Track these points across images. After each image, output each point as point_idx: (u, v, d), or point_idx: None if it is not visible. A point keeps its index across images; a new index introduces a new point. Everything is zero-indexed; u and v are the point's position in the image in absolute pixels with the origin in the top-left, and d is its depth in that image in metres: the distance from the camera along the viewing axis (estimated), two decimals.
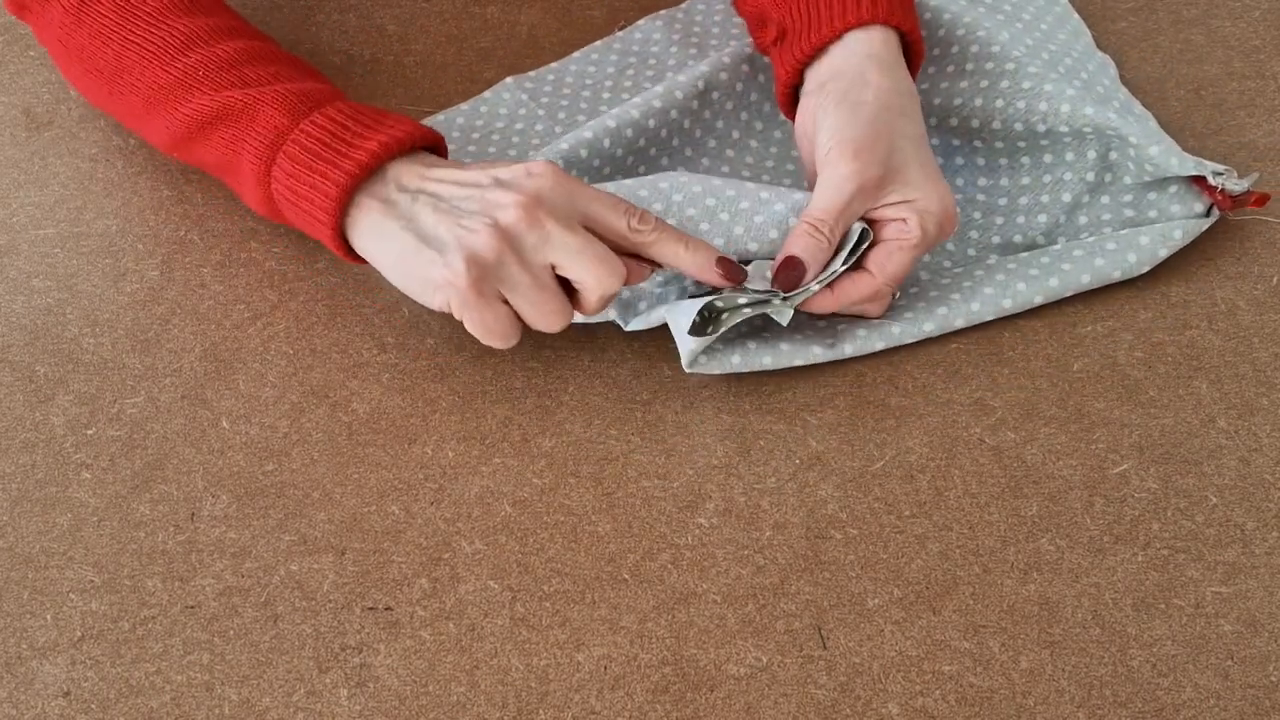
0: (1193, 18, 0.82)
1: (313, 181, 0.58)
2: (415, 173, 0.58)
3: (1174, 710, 0.53)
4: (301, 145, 0.58)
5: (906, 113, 0.61)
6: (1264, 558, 0.57)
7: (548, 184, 0.57)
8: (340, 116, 0.59)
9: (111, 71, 0.64)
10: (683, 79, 0.72)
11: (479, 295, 0.56)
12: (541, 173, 0.57)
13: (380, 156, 0.58)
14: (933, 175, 0.60)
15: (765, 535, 0.58)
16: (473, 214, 0.56)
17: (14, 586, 0.57)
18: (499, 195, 0.56)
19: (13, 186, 0.73)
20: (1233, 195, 0.65)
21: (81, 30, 0.64)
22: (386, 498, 0.60)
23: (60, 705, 0.53)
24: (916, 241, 0.59)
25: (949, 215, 0.60)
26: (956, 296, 0.64)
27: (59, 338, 0.66)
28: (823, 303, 0.60)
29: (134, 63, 0.63)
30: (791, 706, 0.53)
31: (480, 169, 0.59)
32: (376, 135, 0.58)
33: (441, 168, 0.59)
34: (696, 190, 0.61)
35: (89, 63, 0.65)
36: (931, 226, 0.59)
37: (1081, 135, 0.68)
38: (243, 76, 0.61)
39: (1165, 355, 0.65)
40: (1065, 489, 0.60)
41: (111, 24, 0.63)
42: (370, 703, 0.53)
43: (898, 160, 0.59)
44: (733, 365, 0.62)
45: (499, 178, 0.57)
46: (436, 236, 0.57)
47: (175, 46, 0.62)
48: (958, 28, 0.72)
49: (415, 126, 0.60)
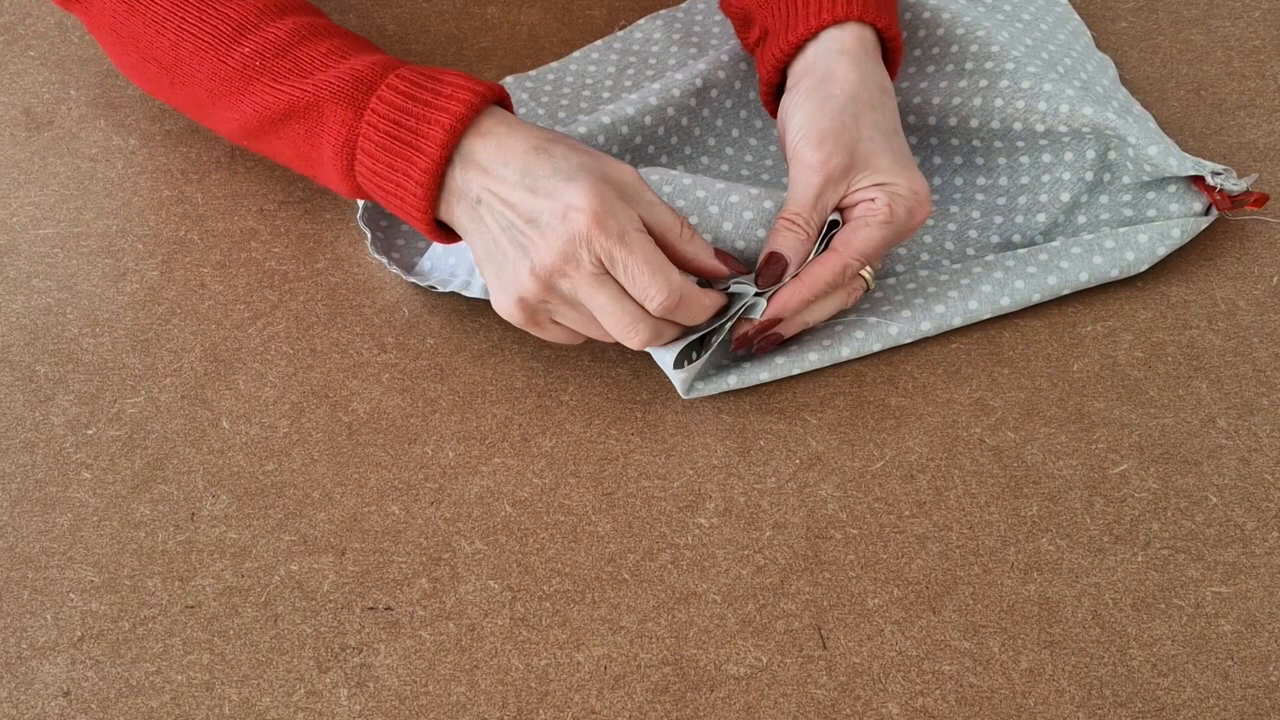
0: (1193, 18, 0.82)
1: (398, 180, 0.58)
2: (475, 175, 0.57)
3: (1174, 710, 0.53)
4: (374, 140, 0.58)
5: (876, 105, 0.61)
6: (1264, 558, 0.57)
7: (578, 233, 0.55)
8: (397, 99, 0.58)
9: (170, 61, 0.64)
10: (680, 77, 0.72)
11: (534, 324, 0.59)
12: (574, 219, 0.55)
13: (449, 146, 0.57)
14: (904, 163, 0.60)
15: (765, 535, 0.58)
16: (517, 245, 0.57)
17: (14, 586, 0.57)
18: (535, 236, 0.56)
19: (13, 186, 0.73)
20: (1231, 195, 0.65)
21: (135, 18, 0.64)
22: (386, 498, 0.60)
23: (60, 705, 0.53)
24: (884, 218, 0.59)
25: (920, 200, 0.60)
26: (954, 294, 0.64)
27: (59, 338, 0.66)
28: (795, 291, 0.59)
29: (190, 53, 0.63)
30: (791, 706, 0.53)
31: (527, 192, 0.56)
32: (439, 118, 0.57)
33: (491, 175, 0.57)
34: (686, 183, 0.62)
35: (145, 51, 0.65)
36: (900, 208, 0.59)
37: (1080, 135, 0.68)
38: (298, 62, 0.61)
39: (1165, 355, 0.65)
40: (1065, 489, 0.60)
41: (165, 10, 0.63)
42: (370, 703, 0.53)
43: (866, 149, 0.60)
44: (729, 385, 0.62)
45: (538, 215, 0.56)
46: (495, 253, 0.58)
47: (229, 35, 0.62)
48: (957, 27, 0.72)
49: (472, 93, 0.58)
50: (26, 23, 0.83)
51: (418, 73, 0.59)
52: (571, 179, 0.55)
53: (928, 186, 0.60)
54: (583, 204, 0.55)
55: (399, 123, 0.58)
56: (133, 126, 0.76)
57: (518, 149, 0.57)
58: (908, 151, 0.62)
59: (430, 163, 0.57)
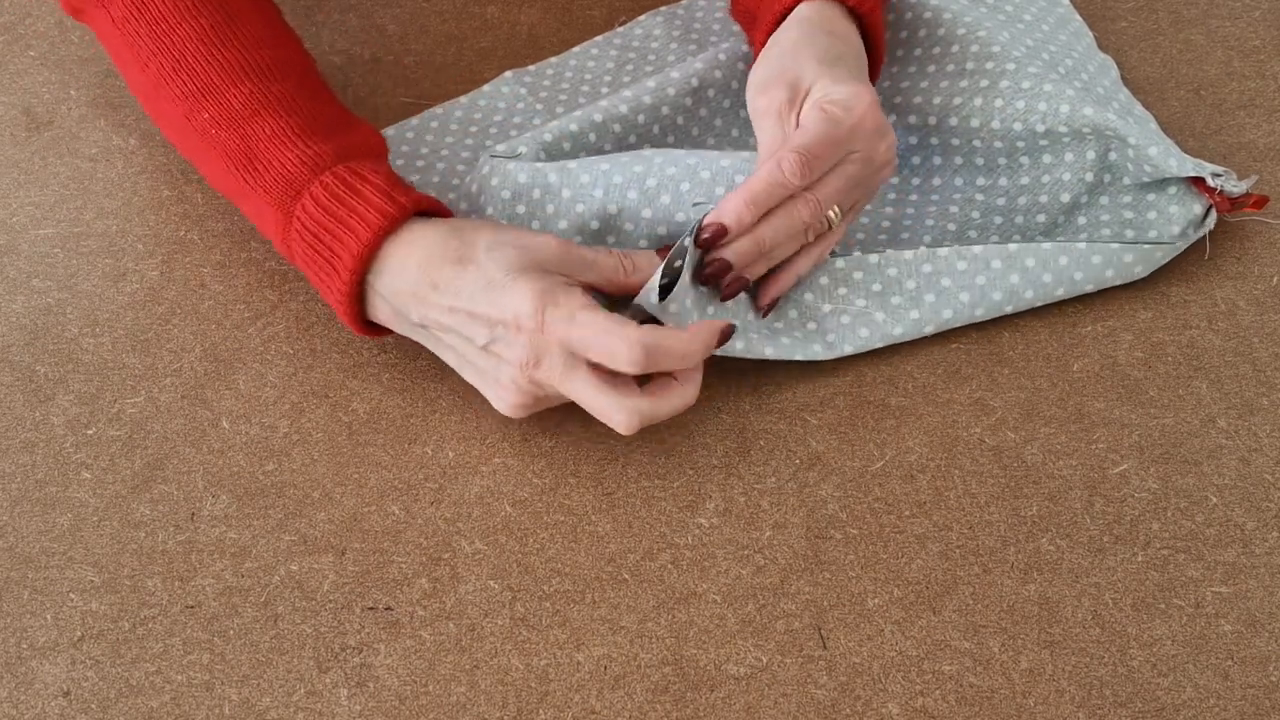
0: (1193, 18, 0.82)
1: (322, 287, 0.60)
2: (407, 295, 0.58)
3: (1174, 710, 0.53)
4: (302, 253, 0.60)
5: (816, 43, 0.62)
6: (1264, 558, 0.57)
7: (536, 342, 0.55)
8: (316, 212, 0.59)
9: (153, 100, 0.65)
10: (676, 75, 0.72)
11: (542, 407, 0.60)
12: (526, 326, 0.55)
13: (357, 272, 0.58)
14: (842, 78, 0.61)
15: (765, 535, 0.58)
16: (486, 359, 0.58)
17: (14, 586, 0.57)
18: (500, 350, 0.57)
19: (13, 186, 0.73)
20: (1231, 197, 0.65)
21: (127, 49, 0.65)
22: (386, 498, 0.60)
23: (60, 705, 0.53)
24: (818, 116, 0.59)
25: (857, 98, 0.60)
26: (965, 298, 0.64)
27: (59, 338, 0.66)
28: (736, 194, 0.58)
29: (166, 101, 0.64)
30: (791, 706, 0.53)
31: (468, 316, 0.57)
32: (348, 243, 0.58)
33: (432, 291, 0.57)
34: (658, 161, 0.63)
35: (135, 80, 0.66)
36: (834, 107, 0.59)
37: (1081, 136, 0.68)
38: (246, 140, 0.61)
39: (1165, 355, 0.65)
40: (1065, 489, 0.60)
41: (148, 51, 0.64)
42: (370, 703, 0.53)
43: (806, 78, 0.61)
44: (736, 350, 0.62)
45: (493, 331, 0.56)
46: (467, 358, 0.59)
47: (195, 94, 0.63)
48: (958, 27, 0.72)
49: (383, 215, 0.58)
50: (26, 23, 0.83)
51: (341, 181, 0.59)
52: (506, 288, 0.56)
53: (871, 92, 0.61)
54: (527, 308, 0.55)
55: (319, 237, 0.59)
56: (133, 126, 0.76)
57: (441, 268, 0.57)
58: (852, 69, 0.62)
59: (345, 285, 0.58)
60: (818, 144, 0.59)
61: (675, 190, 0.63)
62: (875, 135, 0.61)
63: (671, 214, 0.64)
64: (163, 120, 0.66)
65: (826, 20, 0.64)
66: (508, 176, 0.65)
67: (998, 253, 0.65)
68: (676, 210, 0.63)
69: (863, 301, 0.64)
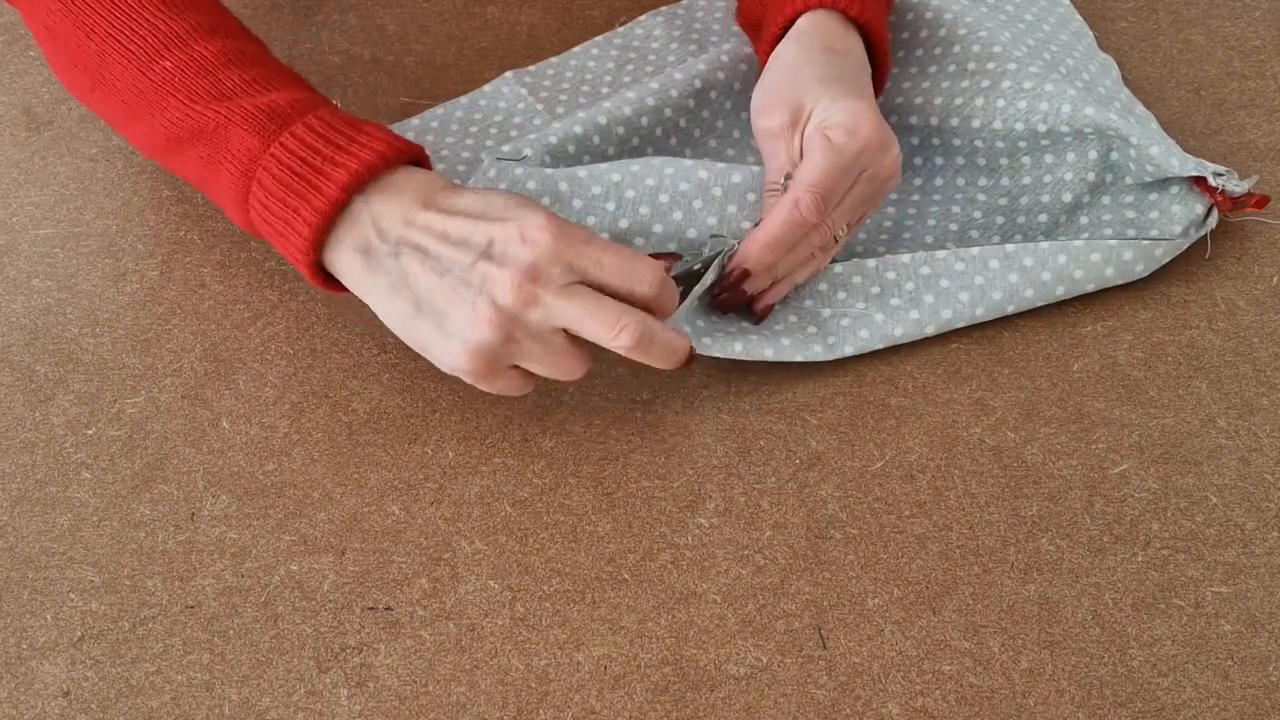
0: (1193, 18, 0.82)
1: (286, 217, 0.56)
2: (396, 215, 0.55)
3: (1174, 710, 0.53)
4: (272, 174, 0.56)
5: (815, 61, 0.63)
6: (1264, 558, 0.57)
7: (544, 251, 0.53)
8: (310, 137, 0.56)
9: (95, 68, 0.62)
10: (679, 77, 0.72)
11: (490, 375, 0.55)
12: (536, 239, 0.53)
13: (350, 189, 0.54)
14: (840, 95, 0.61)
15: (765, 535, 0.58)
16: (467, 285, 0.53)
17: (14, 586, 0.57)
18: (491, 270, 0.53)
19: (13, 186, 0.73)
20: (1233, 197, 0.65)
21: (68, 20, 0.62)
22: (386, 498, 0.60)
23: (60, 705, 0.53)
24: (822, 145, 0.60)
25: (858, 119, 0.60)
26: (964, 298, 0.64)
27: (59, 338, 0.66)
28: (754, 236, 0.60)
29: (115, 61, 0.61)
30: (791, 706, 0.53)
31: (467, 219, 0.54)
32: (346, 163, 0.55)
33: (424, 210, 0.55)
34: (670, 174, 0.64)
35: (73, 55, 0.63)
36: (837, 132, 0.60)
37: (1082, 135, 0.68)
38: (218, 84, 0.59)
39: (1165, 355, 0.65)
40: (1065, 489, 0.60)
41: (96, 16, 0.61)
42: (370, 703, 0.53)
43: (805, 100, 0.62)
44: (735, 352, 0.62)
45: (491, 243, 0.53)
46: (431, 304, 0.54)
47: (154, 47, 0.60)
48: (959, 28, 0.72)
49: (387, 146, 0.56)
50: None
51: (338, 118, 0.57)
52: (512, 207, 0.54)
53: (871, 108, 0.61)
54: (540, 222, 0.53)
55: (305, 159, 0.55)
56: None
57: (438, 191, 0.55)
58: (851, 86, 0.62)
59: (326, 203, 0.54)
60: (829, 177, 0.59)
61: (687, 207, 0.64)
62: (880, 151, 0.61)
63: (683, 230, 0.64)
64: (105, 91, 0.62)
65: (825, 34, 0.64)
66: (516, 183, 0.65)
67: (995, 253, 0.65)
68: (689, 227, 0.64)
69: (862, 305, 0.64)
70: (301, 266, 0.57)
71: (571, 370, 0.56)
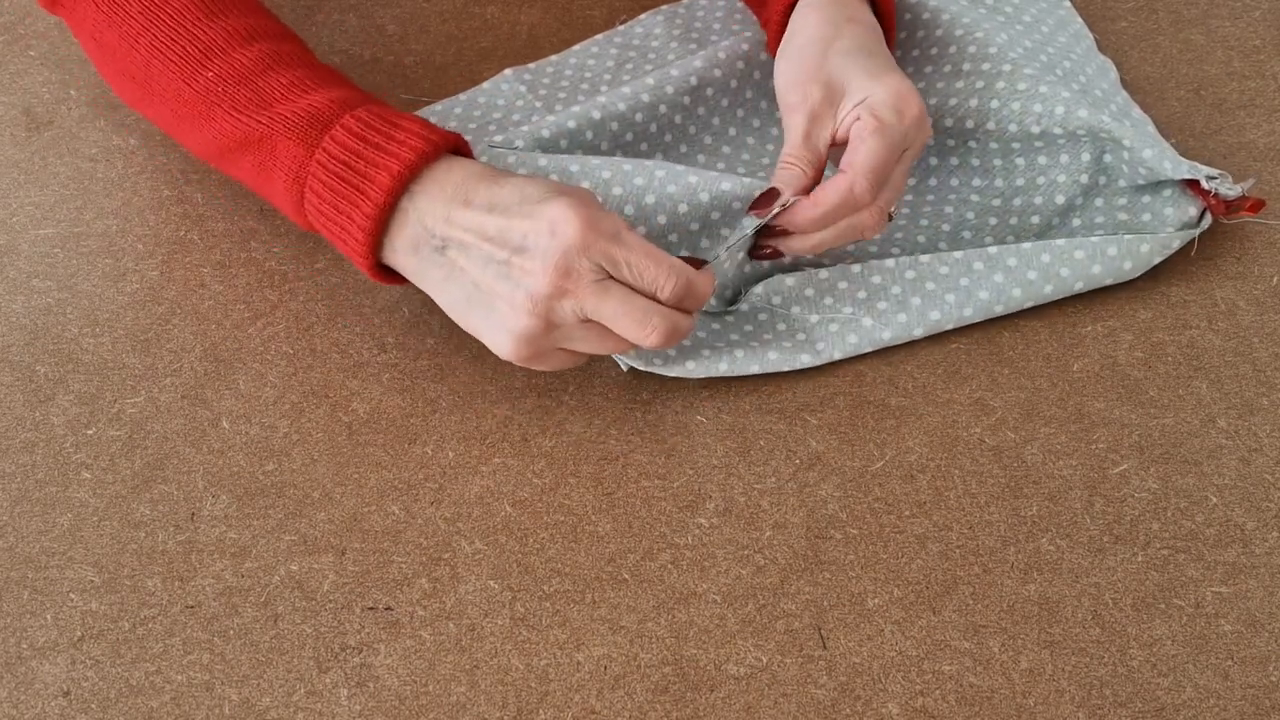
0: (1193, 18, 0.82)
1: (341, 223, 0.58)
2: (439, 214, 0.56)
3: (1174, 710, 0.53)
4: (321, 180, 0.57)
5: (842, 35, 0.63)
6: (1264, 558, 0.57)
7: (572, 244, 0.54)
8: (349, 139, 0.57)
9: (143, 78, 0.64)
10: (675, 73, 0.72)
11: (539, 358, 0.58)
12: (564, 232, 0.54)
13: (394, 192, 0.56)
14: (877, 72, 0.61)
15: (765, 535, 0.58)
16: (506, 279, 0.55)
17: (14, 586, 0.57)
18: (524, 263, 0.55)
19: (13, 186, 0.73)
20: (1226, 200, 0.65)
21: (112, 30, 0.64)
22: (386, 498, 0.60)
23: (60, 705, 0.53)
24: (875, 127, 0.59)
25: (901, 98, 0.60)
26: (951, 299, 0.64)
27: (59, 338, 0.66)
28: (804, 208, 0.60)
29: (160, 72, 0.62)
30: (791, 706, 0.53)
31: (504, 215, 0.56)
32: (387, 164, 0.56)
33: (464, 208, 0.56)
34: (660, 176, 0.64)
35: (121, 65, 0.65)
36: (887, 113, 0.60)
37: (1076, 137, 0.68)
38: (259, 92, 0.60)
39: (1165, 355, 0.65)
40: (1065, 489, 0.60)
41: (139, 26, 0.63)
42: (370, 703, 0.53)
43: (838, 76, 0.61)
44: (720, 371, 0.62)
45: (525, 237, 0.55)
46: (479, 296, 0.57)
47: (195, 57, 0.61)
48: (956, 28, 0.72)
49: (424, 141, 0.57)
50: (26, 22, 0.83)
51: (375, 115, 0.58)
52: (545, 200, 0.55)
53: (909, 83, 0.61)
54: (568, 215, 0.54)
55: (348, 164, 0.57)
56: (133, 126, 0.76)
57: (478, 185, 0.56)
58: (883, 62, 0.63)
59: (374, 207, 0.56)
60: (884, 161, 0.60)
61: (672, 211, 0.64)
62: (921, 126, 0.62)
63: (665, 233, 0.64)
64: (154, 100, 0.64)
65: (845, 5, 0.64)
66: (508, 169, 0.65)
67: (978, 256, 0.65)
68: (670, 231, 0.64)
69: (849, 309, 0.64)
70: (363, 269, 0.59)
71: (618, 345, 0.57)
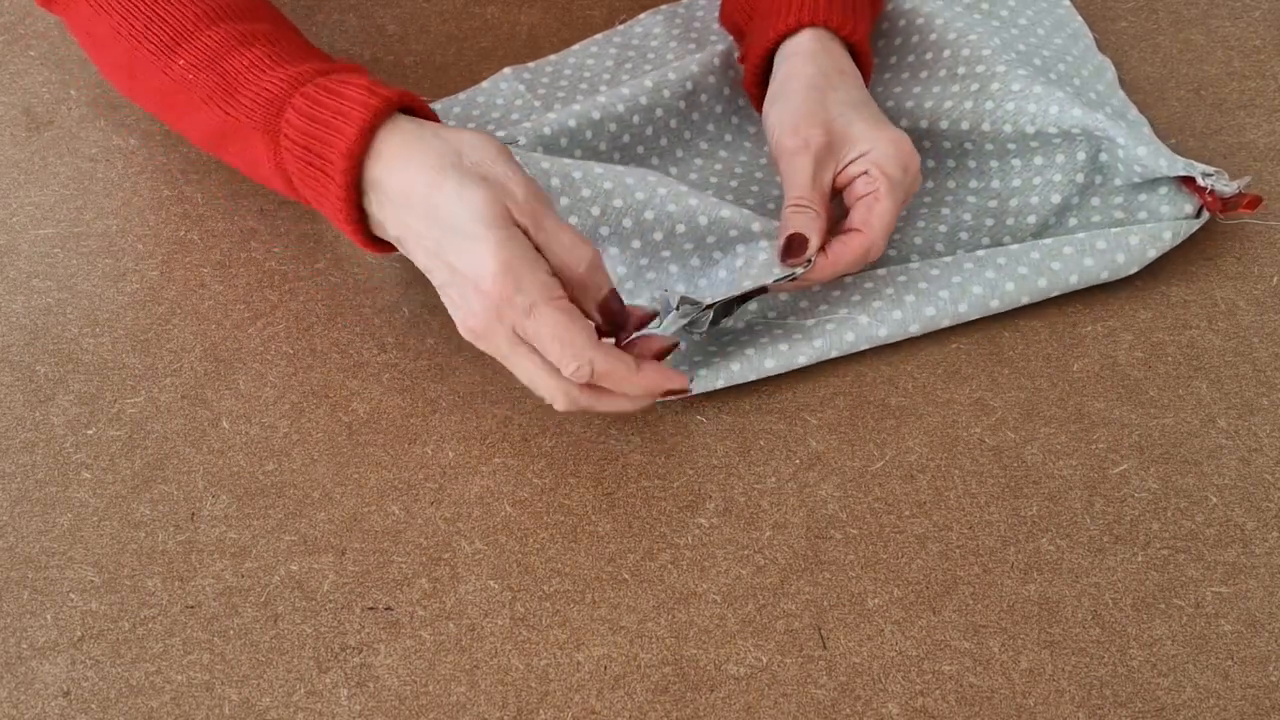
0: (1193, 18, 0.82)
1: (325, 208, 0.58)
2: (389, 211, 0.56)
3: (1174, 710, 0.53)
4: (294, 169, 0.58)
5: (835, 85, 0.64)
6: (1264, 558, 0.57)
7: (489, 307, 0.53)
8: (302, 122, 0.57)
9: (128, 68, 0.64)
10: (672, 77, 0.72)
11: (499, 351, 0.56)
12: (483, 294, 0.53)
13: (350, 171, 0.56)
14: (878, 124, 0.63)
15: (765, 535, 0.58)
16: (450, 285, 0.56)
17: (14, 586, 0.57)
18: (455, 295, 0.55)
19: (13, 186, 0.73)
20: (1223, 197, 0.65)
21: (100, 22, 0.64)
22: (386, 498, 0.60)
23: (60, 705, 0.53)
24: (884, 188, 0.61)
25: (905, 154, 0.62)
26: (944, 295, 0.64)
27: (59, 338, 0.66)
28: (823, 271, 0.61)
29: (142, 62, 0.63)
30: (791, 706, 0.53)
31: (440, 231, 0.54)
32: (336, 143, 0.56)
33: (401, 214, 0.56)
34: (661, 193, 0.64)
35: (109, 56, 0.65)
36: (893, 169, 0.61)
37: (1071, 137, 0.68)
38: (224, 76, 0.60)
39: (1165, 355, 0.65)
40: (1065, 489, 0.60)
41: (119, 18, 0.63)
42: (370, 703, 0.53)
43: (839, 124, 0.62)
44: (716, 386, 0.62)
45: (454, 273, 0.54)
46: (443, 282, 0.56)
47: (168, 44, 0.62)
48: (949, 33, 0.72)
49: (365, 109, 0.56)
50: (26, 22, 0.83)
51: (320, 87, 0.58)
52: (475, 239, 0.53)
53: (908, 139, 0.62)
54: (489, 273, 0.53)
55: (308, 148, 0.57)
56: (133, 126, 0.76)
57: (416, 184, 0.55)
58: (878, 113, 0.64)
59: (340, 188, 0.56)
60: (895, 220, 0.62)
61: (669, 230, 0.64)
62: (918, 179, 0.63)
63: (657, 250, 0.64)
64: (146, 91, 0.65)
65: (835, 55, 0.65)
66: None
67: (970, 256, 0.66)
68: (664, 247, 0.64)
69: (845, 310, 0.64)
70: (359, 245, 0.60)
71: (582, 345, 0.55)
